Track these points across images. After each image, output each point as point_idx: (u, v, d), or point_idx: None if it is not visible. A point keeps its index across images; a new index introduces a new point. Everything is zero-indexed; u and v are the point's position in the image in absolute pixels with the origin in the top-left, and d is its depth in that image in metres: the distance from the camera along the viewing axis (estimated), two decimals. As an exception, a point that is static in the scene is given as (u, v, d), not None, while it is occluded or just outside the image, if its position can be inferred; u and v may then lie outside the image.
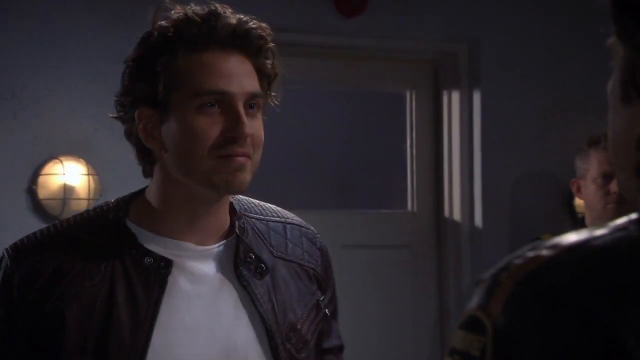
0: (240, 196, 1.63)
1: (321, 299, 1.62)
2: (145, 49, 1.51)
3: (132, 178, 3.49)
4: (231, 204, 1.58)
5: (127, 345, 1.46)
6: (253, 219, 1.60)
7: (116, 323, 1.46)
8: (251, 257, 1.54)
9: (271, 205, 1.67)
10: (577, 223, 3.67)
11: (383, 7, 3.82)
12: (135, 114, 1.50)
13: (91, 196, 3.45)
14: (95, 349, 1.46)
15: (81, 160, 3.45)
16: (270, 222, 1.62)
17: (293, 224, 1.66)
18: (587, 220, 3.46)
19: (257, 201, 1.66)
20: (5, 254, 1.51)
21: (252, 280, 1.53)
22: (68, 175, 3.43)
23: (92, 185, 3.45)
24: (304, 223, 1.68)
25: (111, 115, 1.55)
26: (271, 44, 1.52)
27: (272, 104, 1.56)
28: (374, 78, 4.06)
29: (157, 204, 1.53)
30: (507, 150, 3.92)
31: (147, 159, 1.55)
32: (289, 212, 1.69)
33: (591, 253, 0.81)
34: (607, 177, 3.31)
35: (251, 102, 1.48)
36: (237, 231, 1.54)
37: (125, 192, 3.78)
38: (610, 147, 0.90)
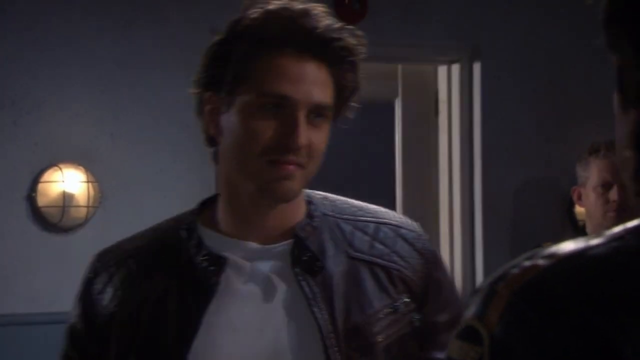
0: (335, 196, 1.61)
1: (404, 301, 1.54)
2: (227, 35, 1.47)
3: (132, 185, 3.51)
4: (310, 202, 1.55)
5: (172, 343, 1.46)
6: (338, 219, 1.56)
7: (163, 320, 1.47)
8: (307, 256, 1.50)
9: (372, 207, 1.62)
10: (578, 231, 3.66)
11: (383, 13, 3.82)
12: (206, 95, 1.48)
13: (91, 203, 3.44)
14: (142, 345, 1.48)
15: (80, 167, 3.45)
16: (359, 222, 1.57)
17: (390, 224, 1.59)
18: (588, 228, 3.45)
19: (357, 202, 1.62)
20: (91, 261, 1.58)
21: (308, 279, 1.49)
22: (67, 183, 3.43)
23: (92, 192, 3.45)
24: (407, 224, 1.61)
25: (190, 91, 1.53)
26: (358, 56, 1.49)
27: (347, 116, 1.53)
28: (372, 84, 4.04)
29: (222, 201, 1.52)
30: (507, 159, 3.91)
31: (211, 143, 1.52)
32: (394, 214, 1.63)
33: (588, 263, 0.81)
34: (606, 186, 3.31)
35: (317, 112, 1.45)
36: (297, 231, 1.51)
37: (125, 199, 3.77)
38: (617, 155, 0.90)
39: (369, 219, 1.59)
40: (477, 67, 3.94)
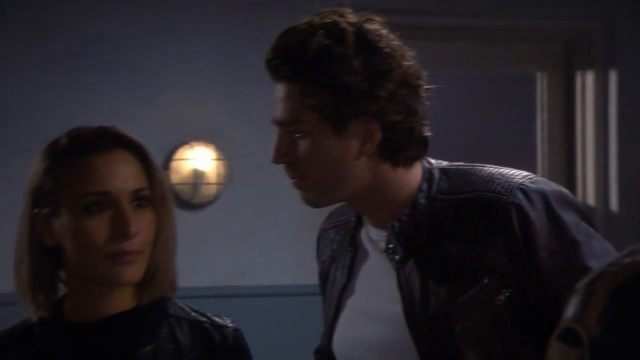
0: (457, 168, 1.55)
1: (483, 283, 1.46)
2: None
3: (260, 163, 3.53)
4: (427, 180, 1.54)
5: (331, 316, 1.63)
6: (445, 203, 1.51)
7: (330, 292, 1.67)
8: (396, 242, 1.52)
9: (485, 174, 1.53)
10: None
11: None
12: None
13: (221, 181, 3.50)
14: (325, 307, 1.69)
15: (211, 145, 3.50)
16: (455, 200, 1.50)
17: (482, 200, 1.48)
18: None
19: (472, 172, 1.54)
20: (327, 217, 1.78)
21: (397, 263, 1.53)
22: (198, 160, 3.49)
23: (222, 170, 3.50)
24: (503, 189, 1.49)
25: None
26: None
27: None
28: (505, 59, 3.97)
29: None
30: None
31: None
32: (500, 178, 1.51)
33: None
34: None
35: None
36: (394, 222, 1.53)
37: (254, 177, 3.79)
38: None
39: (464, 195, 1.50)
40: (612, 39, 3.80)
